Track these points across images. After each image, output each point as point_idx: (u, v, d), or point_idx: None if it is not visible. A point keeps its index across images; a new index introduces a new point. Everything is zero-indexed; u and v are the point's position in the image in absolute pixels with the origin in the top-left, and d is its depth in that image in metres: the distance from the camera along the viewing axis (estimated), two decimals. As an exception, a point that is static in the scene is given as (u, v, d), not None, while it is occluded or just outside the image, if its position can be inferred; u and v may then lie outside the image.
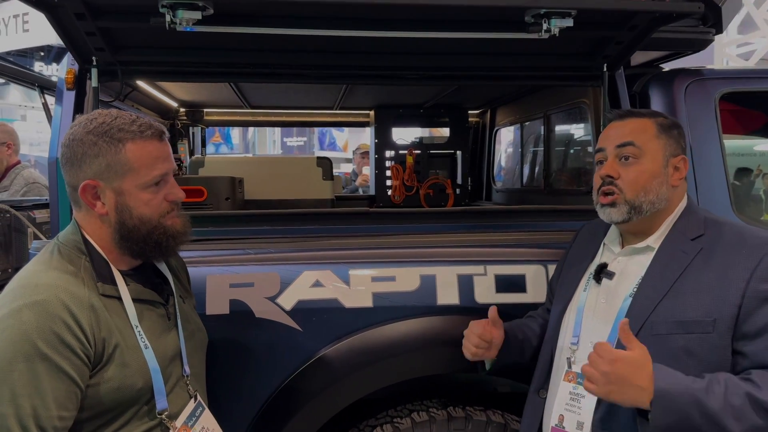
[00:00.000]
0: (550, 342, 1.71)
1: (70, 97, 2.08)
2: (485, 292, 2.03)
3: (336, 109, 3.97)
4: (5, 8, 17.48)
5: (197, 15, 1.74)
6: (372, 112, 3.93)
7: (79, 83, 2.09)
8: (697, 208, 1.60)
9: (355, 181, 6.37)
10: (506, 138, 4.13)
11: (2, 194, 3.76)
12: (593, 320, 1.58)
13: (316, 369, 1.95)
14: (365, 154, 5.87)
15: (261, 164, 3.34)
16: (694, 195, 2.26)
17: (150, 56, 2.13)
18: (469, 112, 4.13)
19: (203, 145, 4.25)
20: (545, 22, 1.87)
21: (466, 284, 2.03)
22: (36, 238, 2.50)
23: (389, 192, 3.86)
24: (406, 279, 2.02)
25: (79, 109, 2.08)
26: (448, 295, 2.02)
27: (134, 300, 1.41)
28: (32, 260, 1.39)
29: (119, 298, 1.38)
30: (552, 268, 2.04)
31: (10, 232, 2.52)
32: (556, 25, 1.86)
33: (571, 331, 1.61)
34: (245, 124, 4.69)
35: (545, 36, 1.89)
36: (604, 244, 1.69)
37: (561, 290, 1.75)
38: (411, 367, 2.01)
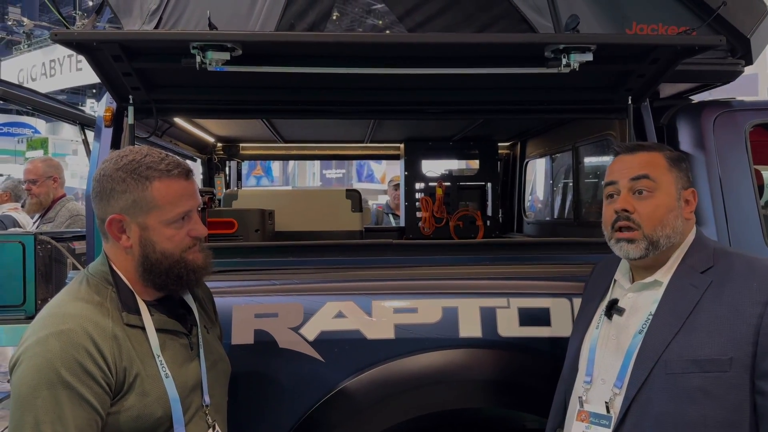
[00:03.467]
0: (565, 380, 1.68)
1: (107, 133, 2.19)
2: (508, 325, 2.02)
3: (367, 143, 4.04)
4: (60, 48, 18.48)
5: (226, 56, 1.83)
6: (402, 145, 3.99)
7: (116, 120, 2.20)
8: (707, 240, 1.57)
9: (388, 214, 6.40)
10: (536, 170, 4.12)
11: (47, 225, 3.93)
12: (604, 357, 1.55)
13: (337, 401, 1.96)
14: (398, 186, 5.91)
15: (292, 197, 3.42)
16: (725, 228, 2.21)
17: (183, 94, 2.23)
18: (499, 144, 4.15)
19: (239, 178, 4.36)
20: (565, 57, 1.89)
21: (488, 317, 2.02)
22: (74, 268, 2.59)
23: (419, 224, 3.88)
24: (428, 311, 2.02)
25: (116, 145, 2.18)
26: (470, 327, 2.01)
27: (157, 330, 1.45)
28: (62, 290, 1.46)
29: (143, 328, 1.42)
30: (577, 301, 2.02)
31: (51, 262, 2.62)
32: (576, 59, 1.88)
33: (585, 370, 1.58)
34: (280, 158, 4.82)
35: (565, 70, 1.91)
36: (615, 279, 1.66)
37: (577, 327, 1.73)
38: (433, 401, 2.00)
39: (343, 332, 1.99)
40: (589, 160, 3.27)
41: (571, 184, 3.40)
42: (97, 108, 2.29)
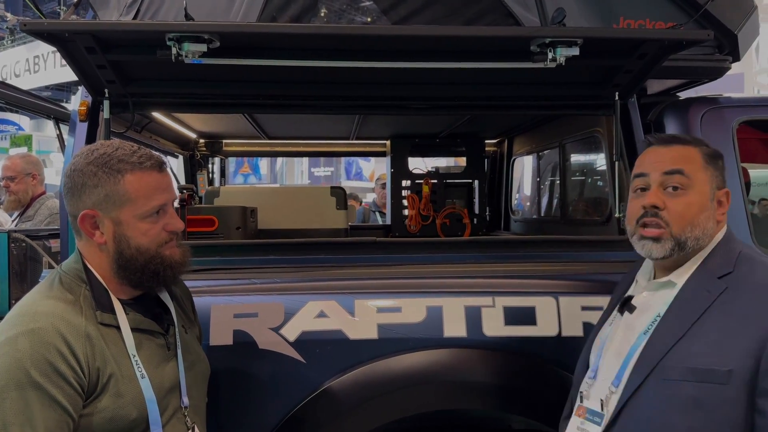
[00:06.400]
0: (577, 375, 1.63)
1: (82, 128, 2.12)
2: (494, 324, 1.98)
3: (352, 139, 3.99)
4: (44, 44, 18.21)
5: (203, 48, 1.77)
6: (388, 142, 3.94)
7: (91, 115, 2.13)
8: (735, 243, 1.45)
9: (375, 212, 6.35)
10: (523, 167, 4.09)
11: (26, 224, 3.84)
12: (609, 354, 1.50)
13: (320, 402, 1.91)
14: (386, 185, 5.86)
15: (275, 194, 3.36)
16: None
17: (160, 88, 2.17)
18: (486, 141, 4.11)
19: (222, 175, 4.30)
20: (551, 51, 1.85)
21: (473, 316, 1.98)
22: (50, 267, 2.53)
23: (406, 222, 3.84)
24: (412, 310, 1.98)
25: (91, 140, 2.12)
26: (455, 327, 1.97)
27: (133, 329, 1.40)
28: (33, 289, 1.41)
29: (118, 327, 1.38)
30: (563, 300, 1.99)
31: (26, 261, 2.56)
32: (562, 54, 1.84)
33: (592, 365, 1.54)
34: (263, 155, 4.76)
35: (551, 65, 1.88)
36: (637, 276, 1.59)
37: (598, 322, 1.67)
38: (417, 402, 1.95)
39: (325, 332, 1.94)
40: (576, 158, 3.24)
41: (558, 181, 3.38)
42: (72, 102, 2.23)
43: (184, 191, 2.57)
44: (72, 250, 2.02)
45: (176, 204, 2.53)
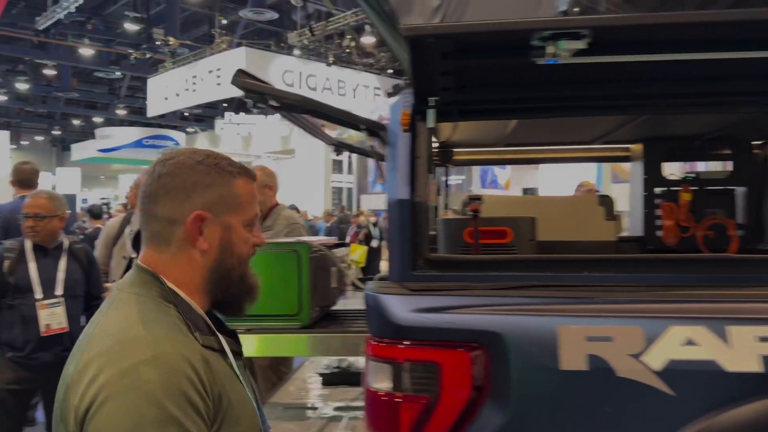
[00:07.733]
0: None
1: (405, 138, 2.05)
2: None
3: (596, 144, 3.72)
4: (200, 65, 19.51)
5: (580, 45, 1.62)
6: (640, 146, 3.63)
7: (413, 124, 2.06)
8: None
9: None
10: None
11: (267, 233, 3.97)
12: None
13: None
14: (591, 191, 5.52)
15: (539, 203, 3.18)
16: None
17: (485, 94, 2.05)
18: (751, 143, 3.66)
19: (446, 185, 4.21)
20: None
21: None
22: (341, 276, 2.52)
23: (659, 233, 3.50)
24: (805, 341, 1.69)
25: (413, 150, 2.04)
26: None
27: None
28: (104, 317, 1.18)
29: (218, 350, 1.22)
30: None
31: (318, 270, 2.57)
32: None
33: None
34: (486, 163, 4.62)
35: None
36: None
37: None
38: None
39: (696, 362, 1.71)
40: None
41: None
42: (379, 111, 2.18)
43: (473, 201, 2.45)
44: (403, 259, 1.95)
45: (469, 214, 2.43)
